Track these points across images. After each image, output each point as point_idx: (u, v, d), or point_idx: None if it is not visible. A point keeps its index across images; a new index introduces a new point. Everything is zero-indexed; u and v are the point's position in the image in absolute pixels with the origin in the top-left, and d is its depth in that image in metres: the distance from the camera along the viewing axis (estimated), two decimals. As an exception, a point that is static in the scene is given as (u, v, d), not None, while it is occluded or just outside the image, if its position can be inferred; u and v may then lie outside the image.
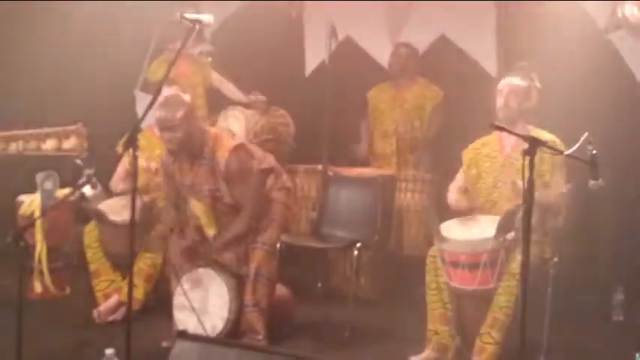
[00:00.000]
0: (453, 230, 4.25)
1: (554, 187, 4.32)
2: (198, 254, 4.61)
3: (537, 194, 3.64)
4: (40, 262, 5.49)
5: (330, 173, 5.69)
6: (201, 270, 4.54)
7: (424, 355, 4.31)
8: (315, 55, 6.62)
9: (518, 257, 4.02)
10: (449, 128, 5.93)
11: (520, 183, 3.57)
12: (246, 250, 4.56)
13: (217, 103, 6.32)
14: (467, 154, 4.56)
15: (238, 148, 4.49)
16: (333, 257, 5.81)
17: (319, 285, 5.70)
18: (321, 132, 5.75)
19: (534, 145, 3.48)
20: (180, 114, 4.36)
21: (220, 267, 4.54)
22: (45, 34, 6.42)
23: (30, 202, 5.55)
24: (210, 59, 6.55)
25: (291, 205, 4.85)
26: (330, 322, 5.01)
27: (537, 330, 4.31)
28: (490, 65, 6.14)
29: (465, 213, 4.45)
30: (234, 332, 4.46)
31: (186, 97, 4.55)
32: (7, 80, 6.47)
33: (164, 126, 4.39)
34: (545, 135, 4.23)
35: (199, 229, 4.70)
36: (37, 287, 5.51)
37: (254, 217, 4.53)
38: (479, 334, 4.16)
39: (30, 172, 5.72)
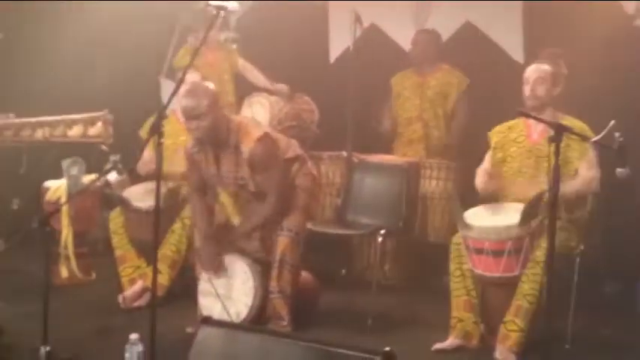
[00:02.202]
0: (478, 217, 4.23)
1: (581, 174, 4.29)
2: (224, 242, 4.61)
3: (563, 181, 3.61)
4: (66, 247, 5.53)
5: (355, 160, 5.68)
6: (226, 257, 4.55)
7: (448, 342, 4.31)
8: (339, 41, 6.59)
9: (543, 245, 3.99)
10: (474, 116, 5.90)
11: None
12: (271, 237, 4.56)
13: (242, 89, 6.33)
14: (493, 137, 4.53)
15: (263, 138, 4.47)
16: (357, 244, 5.81)
17: (343, 272, 5.70)
18: (345, 118, 5.73)
19: (560, 131, 3.44)
20: (205, 102, 4.35)
21: (245, 254, 4.55)
22: (71, 21, 6.47)
23: (56, 188, 5.58)
24: (235, 46, 6.56)
25: (315, 192, 4.85)
26: (354, 309, 5.00)
27: (562, 319, 4.29)
28: (516, 52, 6.09)
29: (491, 197, 4.42)
30: (258, 319, 4.47)
31: (211, 86, 4.54)
32: (34, 69, 6.52)
33: (190, 115, 4.38)
34: (573, 122, 4.20)
35: (226, 219, 4.70)
36: (63, 272, 5.55)
37: (279, 204, 4.53)
38: (503, 321, 4.14)
39: (56, 159, 5.76)
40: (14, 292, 5.22)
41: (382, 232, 4.99)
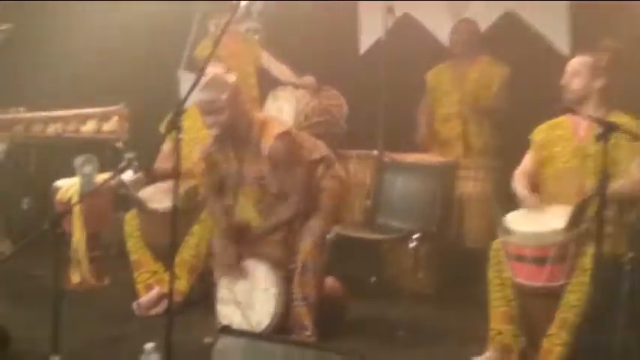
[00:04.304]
0: (519, 221, 4.18)
1: (631, 175, 4.23)
2: (243, 245, 4.60)
3: (612, 183, 3.57)
4: (77, 251, 5.56)
5: (386, 159, 5.66)
6: (246, 262, 4.54)
7: (486, 356, 4.26)
8: (370, 32, 6.59)
9: (590, 252, 3.94)
10: (515, 112, 5.85)
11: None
12: (294, 242, 4.55)
13: (266, 83, 6.33)
14: (537, 135, 4.49)
15: (284, 135, 4.46)
16: (388, 249, 5.78)
17: (373, 279, 5.67)
18: (376, 115, 5.71)
19: (608, 128, 3.40)
20: (224, 95, 4.34)
21: (267, 259, 4.54)
22: (85, 12, 6.51)
23: (68, 188, 5.61)
24: (257, 37, 6.56)
25: (343, 194, 4.83)
26: (384, 319, 4.98)
27: (610, 332, 4.23)
28: (561, 43, 6.04)
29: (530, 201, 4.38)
30: (280, 328, 4.46)
31: (231, 78, 4.53)
32: (46, 60, 6.56)
33: (207, 109, 4.37)
34: (621, 118, 4.15)
35: (245, 222, 4.70)
36: (75, 277, 5.58)
37: (301, 206, 4.52)
38: (546, 334, 4.08)
39: (68, 156, 5.79)
40: (23, 297, 5.26)
41: (415, 236, 4.96)
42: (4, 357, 4.14)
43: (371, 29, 6.49)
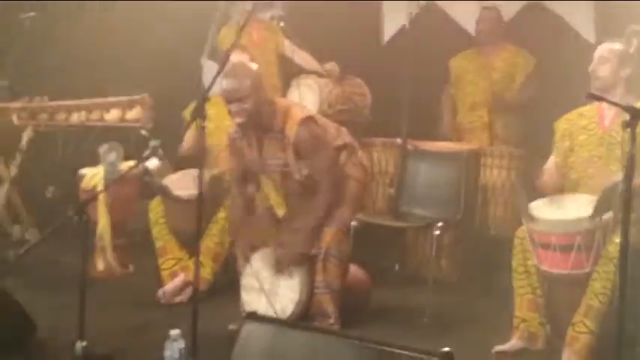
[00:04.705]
0: (544, 209, 4.17)
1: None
2: (268, 234, 4.62)
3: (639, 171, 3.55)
4: (102, 238, 5.59)
5: (410, 147, 5.65)
6: (270, 249, 4.55)
7: (510, 344, 4.26)
8: (393, 20, 6.57)
9: (616, 240, 3.92)
10: (541, 100, 5.82)
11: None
12: (318, 229, 4.55)
13: (289, 71, 6.33)
14: (560, 125, 4.46)
15: (308, 120, 4.46)
16: (411, 237, 5.78)
17: (396, 267, 5.68)
18: (399, 103, 5.70)
19: (636, 116, 3.37)
20: (248, 83, 4.35)
21: (289, 246, 4.54)
22: (110, 3, 6.52)
23: (92, 176, 5.64)
24: (282, 24, 6.56)
25: (366, 182, 4.83)
26: (408, 307, 4.99)
27: (636, 321, 4.20)
28: (587, 30, 5.99)
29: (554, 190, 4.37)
30: (304, 315, 4.47)
31: (254, 66, 4.54)
32: (70, 49, 6.59)
33: (231, 97, 4.37)
34: (648, 105, 4.12)
35: (269, 209, 4.71)
36: (100, 265, 5.61)
37: (334, 194, 4.51)
38: (571, 322, 4.08)
39: (93, 144, 5.82)
40: (48, 285, 5.30)
41: (439, 224, 4.97)
42: (30, 344, 4.18)
43: (394, 17, 6.47)
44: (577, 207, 4.11)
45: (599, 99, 4.02)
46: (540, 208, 4.18)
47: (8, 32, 6.35)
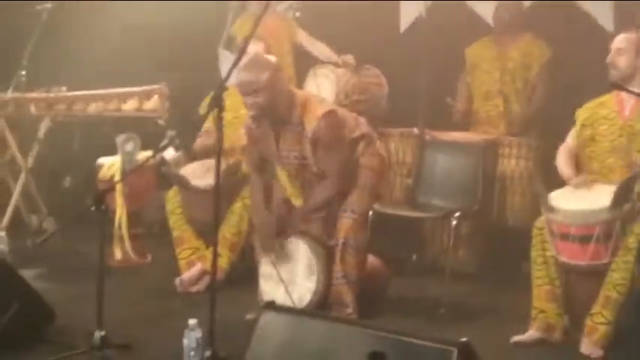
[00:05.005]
0: (563, 199, 4.16)
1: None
2: (286, 224, 4.62)
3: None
4: (119, 228, 5.62)
5: (427, 137, 5.64)
6: (288, 239, 4.56)
7: (528, 335, 4.26)
8: (410, 9, 6.53)
9: (636, 231, 3.93)
10: (559, 89, 5.79)
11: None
12: (335, 220, 4.56)
13: (304, 62, 6.32)
14: (581, 114, 4.44)
15: (329, 115, 4.44)
16: (429, 228, 5.78)
17: (414, 258, 5.67)
18: (417, 92, 5.69)
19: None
20: (264, 76, 4.31)
21: (308, 237, 4.55)
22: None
23: (110, 165, 5.67)
24: (298, 14, 6.55)
25: (383, 172, 4.82)
26: (425, 297, 4.99)
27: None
28: (606, 19, 5.94)
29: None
30: (322, 305, 4.47)
31: (272, 58, 4.52)
32: (86, 39, 6.60)
33: (247, 90, 4.35)
34: (670, 95, 4.09)
35: (286, 200, 4.71)
36: (117, 254, 5.65)
37: (339, 186, 4.51)
38: (590, 313, 4.07)
39: (110, 134, 5.84)
40: (67, 274, 5.34)
41: (456, 215, 4.96)
42: (49, 333, 4.21)
43: (411, 6, 6.44)
44: (597, 197, 4.09)
45: (622, 88, 4.00)
46: (560, 198, 4.17)
47: (25, 23, 6.37)
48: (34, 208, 6.42)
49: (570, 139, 4.49)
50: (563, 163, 4.44)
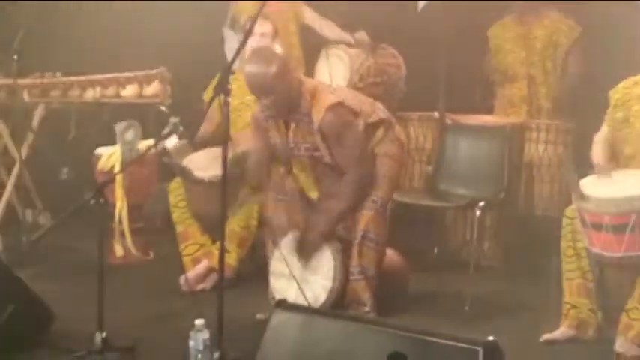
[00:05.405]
0: (596, 187, 4.13)
1: None
2: (299, 217, 4.62)
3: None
4: (120, 222, 5.63)
5: (449, 121, 5.63)
6: (302, 234, 4.55)
7: (559, 332, 4.26)
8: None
9: (674, 219, 3.90)
10: (591, 69, 5.77)
11: None
12: (353, 212, 4.55)
13: (315, 40, 6.30)
14: (614, 94, 4.41)
15: (335, 106, 4.43)
16: (451, 218, 5.80)
17: (435, 251, 5.67)
18: (436, 74, 5.67)
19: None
20: (272, 71, 4.29)
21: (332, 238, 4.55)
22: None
23: (109, 156, 5.67)
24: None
25: (403, 159, 4.81)
26: (448, 292, 4.99)
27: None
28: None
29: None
30: (338, 303, 4.48)
31: (279, 49, 4.51)
32: (83, 22, 6.61)
33: (254, 85, 4.36)
34: None
35: (300, 192, 4.71)
36: (118, 250, 5.66)
37: (361, 181, 4.50)
38: (625, 309, 4.06)
39: (109, 122, 5.84)
40: (64, 273, 5.35)
41: (480, 204, 4.95)
42: (48, 335, 4.22)
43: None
44: (631, 184, 4.06)
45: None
46: (592, 186, 4.14)
47: (18, 6, 6.37)
48: (28, 202, 6.43)
49: (605, 126, 4.46)
50: (597, 153, 4.41)
